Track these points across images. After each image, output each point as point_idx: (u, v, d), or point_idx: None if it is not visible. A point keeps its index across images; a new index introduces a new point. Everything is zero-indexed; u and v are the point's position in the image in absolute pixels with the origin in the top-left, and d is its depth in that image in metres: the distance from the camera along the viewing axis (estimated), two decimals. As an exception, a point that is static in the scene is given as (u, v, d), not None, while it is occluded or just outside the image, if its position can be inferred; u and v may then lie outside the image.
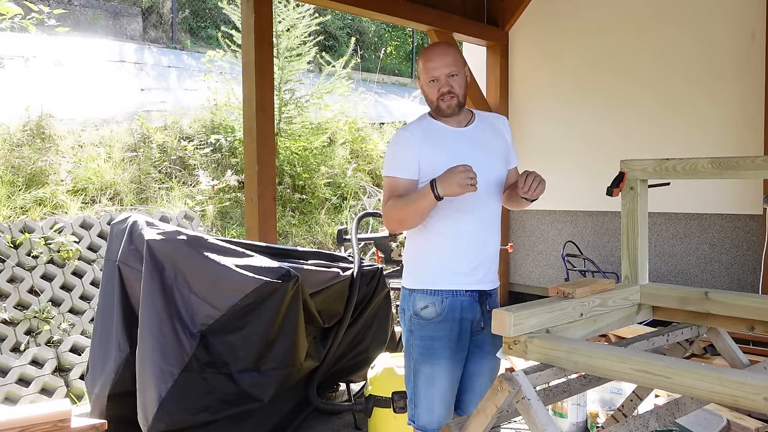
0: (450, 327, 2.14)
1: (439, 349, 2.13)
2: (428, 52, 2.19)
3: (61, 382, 3.89)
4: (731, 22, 4.51)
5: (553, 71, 5.54)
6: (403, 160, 2.14)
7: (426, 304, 2.15)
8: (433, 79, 2.15)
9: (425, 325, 2.15)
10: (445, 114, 2.18)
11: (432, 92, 2.16)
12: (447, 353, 2.13)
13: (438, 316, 2.14)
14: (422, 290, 2.16)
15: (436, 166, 2.06)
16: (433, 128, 2.20)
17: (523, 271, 5.87)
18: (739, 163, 1.93)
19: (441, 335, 2.13)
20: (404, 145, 2.16)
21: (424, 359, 2.14)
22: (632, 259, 2.25)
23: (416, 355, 2.16)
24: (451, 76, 2.15)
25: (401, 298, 2.28)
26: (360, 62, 9.96)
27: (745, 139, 4.44)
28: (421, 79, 2.20)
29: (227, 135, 6.71)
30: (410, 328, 2.19)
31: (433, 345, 2.13)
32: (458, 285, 2.15)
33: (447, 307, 2.14)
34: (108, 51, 8.28)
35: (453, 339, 2.14)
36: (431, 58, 2.16)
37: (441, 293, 2.15)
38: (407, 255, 2.27)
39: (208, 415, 2.83)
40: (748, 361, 2.21)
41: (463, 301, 2.16)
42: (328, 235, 6.48)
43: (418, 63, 2.22)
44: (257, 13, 3.81)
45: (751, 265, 4.48)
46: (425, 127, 2.21)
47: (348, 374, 3.71)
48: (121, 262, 3.05)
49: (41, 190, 5.02)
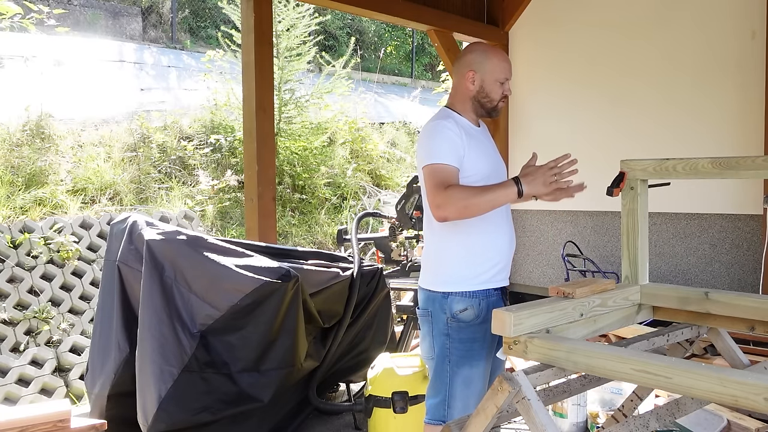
0: (487, 327, 2.14)
1: (478, 351, 2.15)
2: (501, 53, 2.22)
3: (60, 383, 3.89)
4: (732, 21, 4.50)
5: (553, 71, 5.54)
6: (454, 149, 2.11)
7: (465, 307, 2.15)
8: (503, 80, 2.18)
9: (464, 327, 2.15)
10: (495, 115, 2.24)
11: (496, 91, 2.18)
12: (484, 354, 2.17)
13: (477, 318, 2.16)
14: (460, 293, 2.16)
15: (475, 163, 2.13)
16: (465, 125, 2.21)
17: (523, 271, 5.86)
18: (740, 163, 1.93)
19: (479, 336, 2.16)
20: (453, 134, 2.12)
21: (463, 361, 2.15)
22: (632, 259, 2.24)
23: (455, 358, 2.16)
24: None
25: (427, 301, 2.23)
26: (360, 62, 9.96)
27: (746, 138, 4.44)
28: (480, 73, 2.17)
29: (227, 135, 6.71)
30: (447, 331, 2.17)
31: (472, 347, 2.15)
32: (491, 283, 2.19)
33: (484, 309, 2.16)
34: (108, 51, 8.28)
35: (488, 339, 2.17)
36: (506, 59, 2.21)
37: (478, 295, 2.17)
38: (436, 257, 2.22)
39: (208, 415, 2.83)
40: (749, 361, 2.21)
41: (493, 302, 2.19)
42: (328, 235, 6.48)
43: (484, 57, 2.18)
44: (257, 12, 3.81)
45: (752, 265, 4.48)
46: (460, 122, 2.20)
47: (348, 374, 3.71)
48: (120, 262, 3.05)
49: (41, 190, 5.02)
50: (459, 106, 2.23)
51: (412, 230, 4.03)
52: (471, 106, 2.21)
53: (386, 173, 7.90)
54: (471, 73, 2.17)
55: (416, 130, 9.32)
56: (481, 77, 2.17)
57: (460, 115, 2.22)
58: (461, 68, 2.21)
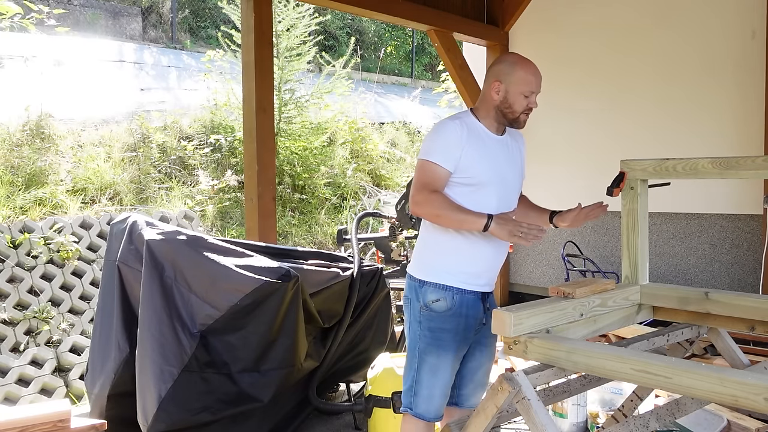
0: (458, 321, 2.21)
1: (447, 341, 2.19)
2: (530, 65, 2.23)
3: (60, 382, 3.89)
4: (731, 20, 4.50)
5: (553, 71, 5.52)
6: (449, 150, 2.16)
7: (437, 298, 2.20)
8: (528, 94, 2.20)
9: (435, 317, 2.20)
10: (517, 126, 2.27)
11: (520, 103, 2.21)
12: (453, 346, 2.20)
13: (448, 310, 2.20)
14: (434, 284, 2.21)
15: (473, 165, 2.15)
16: (477, 129, 2.24)
17: (523, 271, 5.86)
18: (740, 163, 1.93)
19: (449, 327, 2.20)
20: (453, 135, 2.17)
21: (430, 349, 2.20)
22: (632, 259, 2.25)
23: (423, 345, 2.22)
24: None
25: (408, 287, 2.31)
26: (360, 62, 9.96)
27: (746, 138, 4.44)
28: (505, 84, 2.20)
29: (227, 135, 6.71)
30: (419, 318, 2.23)
31: (441, 336, 2.19)
32: (468, 285, 2.22)
33: (457, 303, 2.20)
34: (107, 51, 8.28)
35: (459, 333, 2.21)
36: (534, 72, 2.22)
37: (452, 289, 2.21)
38: (423, 246, 2.30)
39: (208, 415, 2.83)
40: (749, 361, 2.21)
41: (470, 299, 2.23)
42: (328, 235, 6.48)
43: (511, 69, 2.21)
44: (257, 12, 3.81)
45: (752, 265, 4.48)
46: (470, 125, 2.23)
47: (348, 374, 3.71)
48: (120, 262, 3.04)
49: (41, 190, 5.02)
50: (482, 111, 2.27)
51: (412, 230, 4.02)
52: (494, 114, 2.25)
53: (386, 173, 7.90)
54: (497, 84, 2.21)
55: (416, 130, 9.32)
56: (505, 88, 2.20)
57: (477, 120, 2.26)
58: (489, 77, 2.26)
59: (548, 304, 1.86)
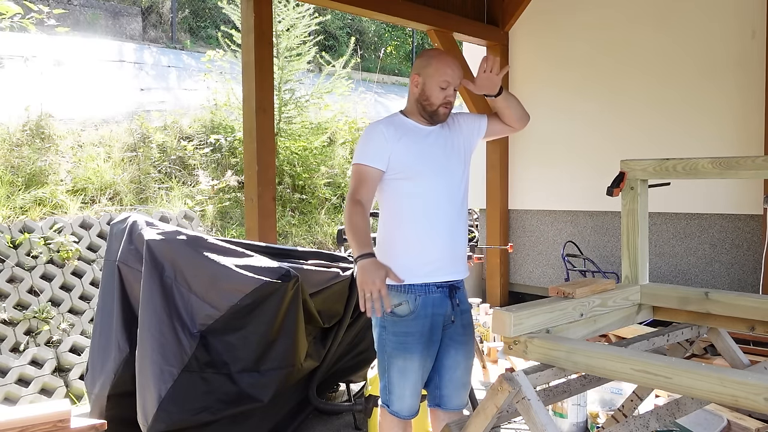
0: (422, 323, 2.20)
1: (412, 344, 2.19)
2: (446, 58, 2.24)
3: (60, 382, 3.89)
4: (732, 20, 4.50)
5: (553, 71, 5.54)
6: (375, 151, 2.20)
7: (399, 302, 2.19)
8: (444, 86, 2.21)
9: (398, 321, 2.20)
10: (438, 120, 2.27)
11: (437, 96, 2.22)
12: (419, 348, 2.20)
13: (411, 313, 2.19)
14: (396, 287, 2.19)
15: (405, 159, 2.20)
16: (406, 125, 2.28)
17: (523, 271, 5.86)
18: (739, 163, 1.93)
19: (414, 331, 2.19)
20: (378, 137, 2.22)
21: (397, 353, 2.21)
22: (632, 259, 2.25)
23: (390, 350, 2.23)
24: (455, 90, 2.24)
25: None
26: (360, 62, 9.96)
27: (746, 138, 4.44)
28: (423, 77, 2.23)
29: (227, 135, 6.71)
30: (383, 323, 2.24)
31: (406, 340, 2.19)
32: (429, 278, 2.21)
33: (420, 305, 2.20)
34: (107, 51, 8.28)
35: (425, 334, 2.20)
36: (449, 64, 2.22)
37: (414, 290, 2.20)
38: (378, 248, 2.30)
39: (208, 415, 2.83)
40: (749, 361, 2.21)
41: (435, 298, 2.22)
42: (328, 235, 6.48)
43: (428, 62, 2.24)
44: (257, 12, 3.81)
45: (752, 265, 4.48)
46: (397, 122, 2.28)
47: (348, 374, 3.71)
48: (120, 262, 3.04)
49: (41, 190, 5.02)
50: (409, 107, 2.32)
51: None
52: (417, 108, 2.29)
53: (386, 173, 7.89)
54: (416, 77, 2.26)
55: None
56: (423, 81, 2.24)
57: (406, 117, 2.30)
58: (411, 72, 2.31)
59: (548, 304, 1.86)
